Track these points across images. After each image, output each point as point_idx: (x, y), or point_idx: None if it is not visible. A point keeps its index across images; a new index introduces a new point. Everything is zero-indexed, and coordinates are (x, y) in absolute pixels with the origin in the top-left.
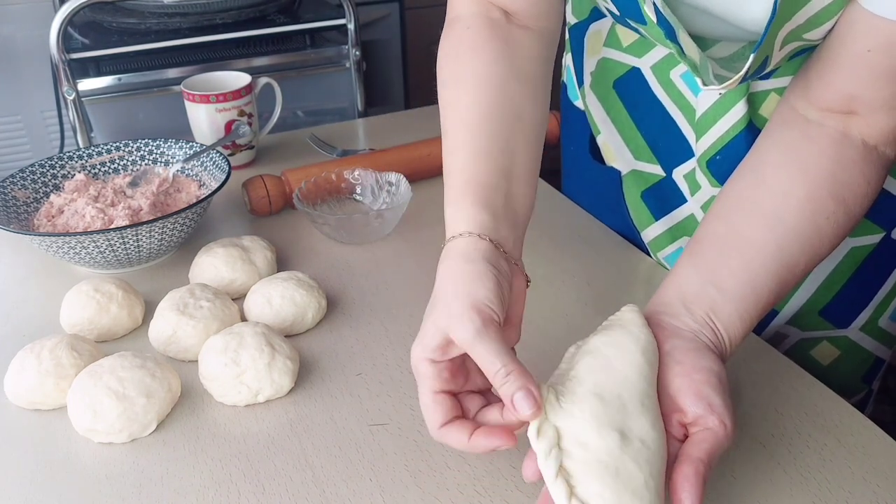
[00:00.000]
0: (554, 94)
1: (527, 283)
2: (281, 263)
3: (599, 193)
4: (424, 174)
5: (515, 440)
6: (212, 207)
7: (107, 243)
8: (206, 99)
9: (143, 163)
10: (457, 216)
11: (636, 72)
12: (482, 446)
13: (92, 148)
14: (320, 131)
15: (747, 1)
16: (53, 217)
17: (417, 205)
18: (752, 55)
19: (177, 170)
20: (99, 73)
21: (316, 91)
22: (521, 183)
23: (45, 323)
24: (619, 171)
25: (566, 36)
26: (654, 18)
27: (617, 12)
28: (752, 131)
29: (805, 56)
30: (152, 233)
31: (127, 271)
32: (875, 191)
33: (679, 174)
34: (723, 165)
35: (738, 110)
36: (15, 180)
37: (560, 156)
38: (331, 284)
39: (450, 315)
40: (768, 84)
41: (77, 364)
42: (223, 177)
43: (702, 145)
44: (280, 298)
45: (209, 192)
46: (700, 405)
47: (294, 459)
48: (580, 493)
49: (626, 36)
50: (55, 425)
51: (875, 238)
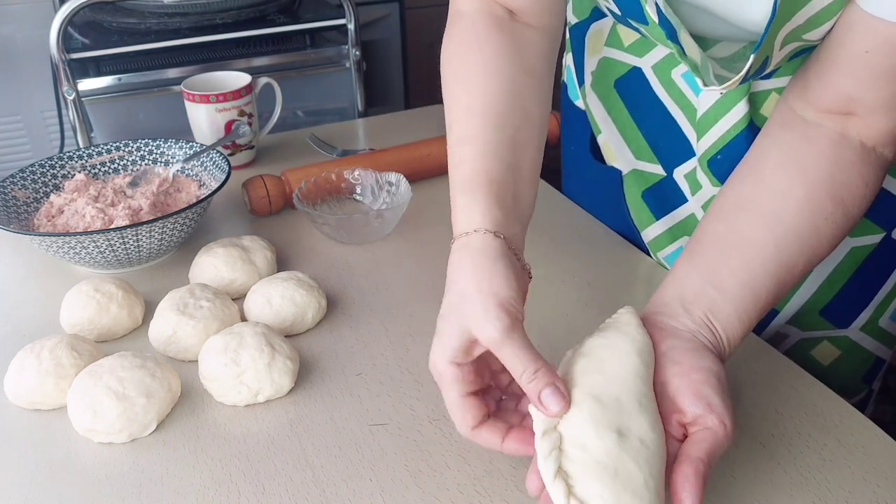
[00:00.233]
0: (554, 94)
1: (529, 279)
2: (281, 263)
3: (600, 193)
4: (424, 174)
5: None
6: (212, 207)
7: (107, 243)
8: (206, 99)
9: (143, 163)
10: (472, 210)
11: (637, 71)
12: (514, 451)
13: (92, 148)
14: (320, 131)
15: (748, 1)
16: (53, 217)
17: (417, 205)
18: (753, 55)
19: (177, 170)
20: (99, 73)
21: (316, 91)
22: (526, 180)
23: (45, 323)
24: (620, 171)
25: (566, 36)
26: (656, 19)
27: (619, 12)
28: (753, 131)
29: (805, 56)
30: (152, 233)
31: (127, 271)
32: (873, 192)
33: (680, 174)
34: (724, 165)
35: (739, 110)
36: (15, 180)
37: (560, 156)
38: (331, 284)
39: (475, 314)
40: (769, 84)
41: (77, 364)
42: (223, 177)
43: (703, 145)
44: (280, 298)
45: (209, 192)
46: (699, 405)
47: (294, 459)
48: (579, 493)
49: (628, 35)
50: (55, 425)
51: (875, 238)
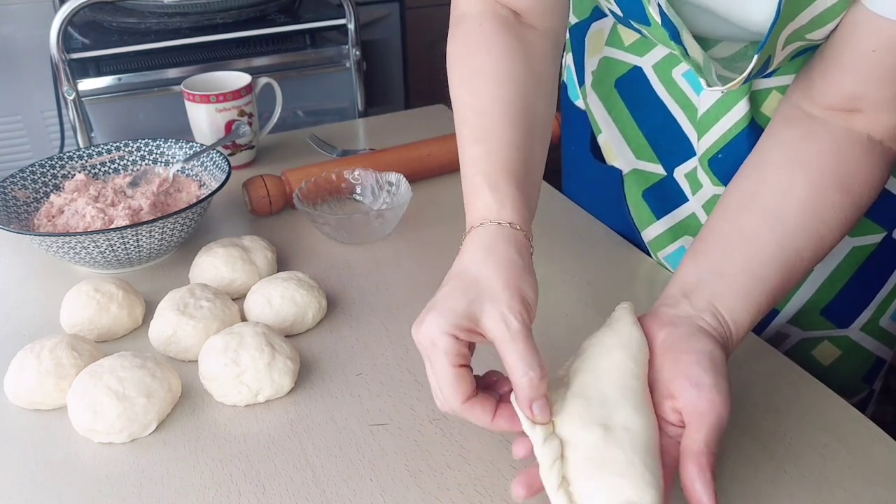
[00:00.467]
0: None
1: None
2: (281, 263)
3: (600, 193)
4: (424, 174)
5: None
6: (212, 207)
7: (107, 243)
8: (206, 99)
9: (143, 163)
10: (496, 202)
11: (638, 71)
12: (504, 428)
13: (92, 148)
14: (320, 131)
15: (750, 1)
16: (53, 217)
17: (417, 205)
18: (756, 56)
19: (177, 170)
20: (99, 73)
21: (316, 91)
22: (533, 180)
23: (45, 323)
24: (621, 171)
25: (567, 35)
26: (659, 19)
27: (620, 13)
28: (754, 130)
29: (807, 55)
30: (152, 233)
31: (127, 271)
32: (881, 181)
33: (680, 173)
34: (724, 164)
35: (740, 109)
36: (15, 180)
37: (560, 156)
38: (331, 284)
39: (492, 301)
40: (770, 82)
41: (77, 364)
42: (223, 177)
43: (703, 144)
44: (280, 298)
45: (209, 192)
46: (687, 387)
47: (294, 459)
48: (574, 494)
49: (628, 35)
50: (55, 425)
51: (876, 238)
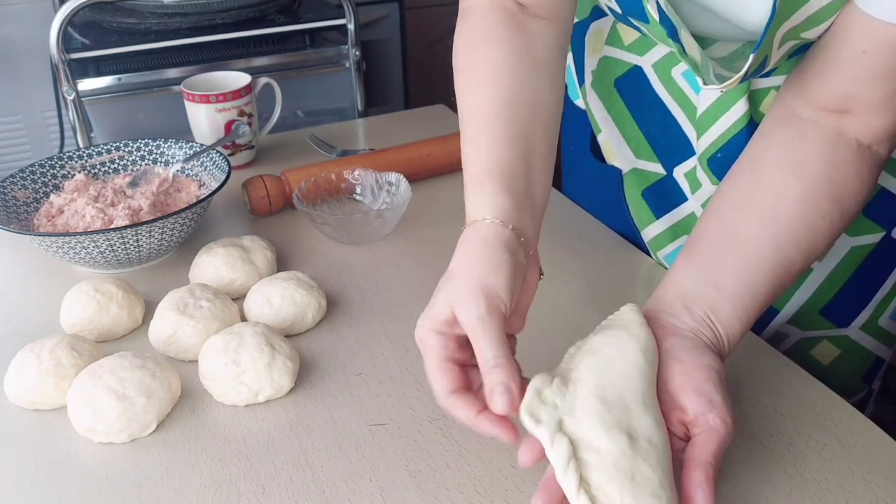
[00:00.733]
0: None
1: (540, 275)
2: (281, 263)
3: (600, 192)
4: (424, 174)
5: (518, 436)
6: (212, 207)
7: (107, 243)
8: (206, 99)
9: (143, 163)
10: (482, 200)
11: (637, 70)
12: (484, 429)
13: (92, 148)
14: (320, 131)
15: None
16: (53, 217)
17: (417, 205)
18: (752, 55)
19: (177, 170)
20: (99, 73)
21: (316, 91)
22: (539, 171)
23: (45, 323)
24: (620, 170)
25: None
26: (657, 17)
27: (619, 11)
28: (753, 129)
29: (804, 54)
30: (152, 233)
31: (127, 271)
32: (869, 189)
33: (680, 172)
34: (724, 163)
35: (739, 108)
36: (15, 180)
37: (560, 155)
38: (331, 284)
39: (458, 293)
40: (769, 82)
41: (77, 364)
42: (223, 177)
43: (703, 143)
44: (280, 298)
45: (209, 192)
46: (700, 402)
47: (294, 459)
48: (600, 496)
49: (628, 34)
50: (55, 425)
51: (875, 237)
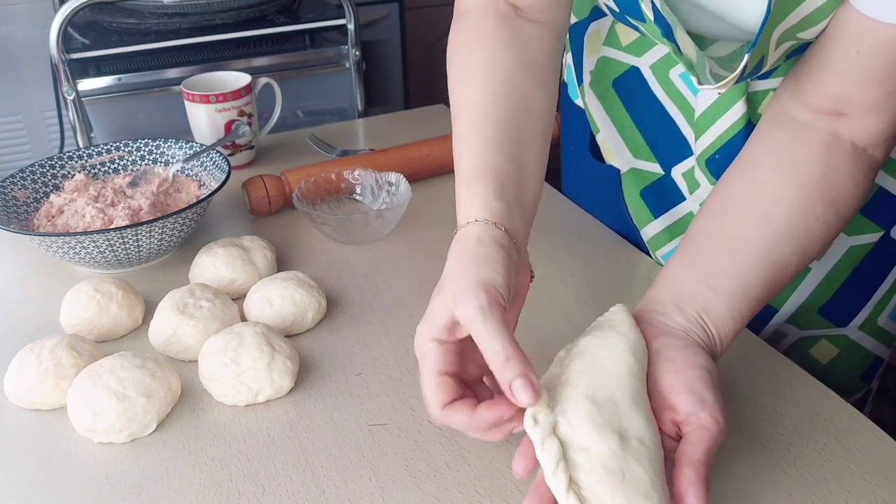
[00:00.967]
0: None
1: (531, 278)
2: (281, 263)
3: (599, 192)
4: (424, 174)
5: (520, 416)
6: (212, 207)
7: (107, 243)
8: (206, 99)
9: (143, 163)
10: (472, 201)
11: (635, 71)
12: (486, 418)
13: (92, 148)
14: (320, 131)
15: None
16: (53, 217)
17: (417, 205)
18: (747, 55)
19: (177, 170)
20: (99, 73)
21: (316, 91)
22: (530, 174)
23: (45, 323)
24: (619, 170)
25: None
26: (652, 16)
27: (617, 10)
28: (751, 131)
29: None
30: (152, 233)
31: (127, 271)
32: (864, 192)
33: (678, 172)
34: (722, 164)
35: (738, 110)
36: (15, 180)
37: (560, 155)
38: (331, 284)
39: (455, 292)
40: (767, 84)
41: (77, 364)
42: (223, 177)
43: (701, 144)
44: (280, 298)
45: (209, 192)
46: (692, 401)
47: (294, 459)
48: (590, 498)
49: (626, 35)
50: (55, 425)
51: (874, 237)
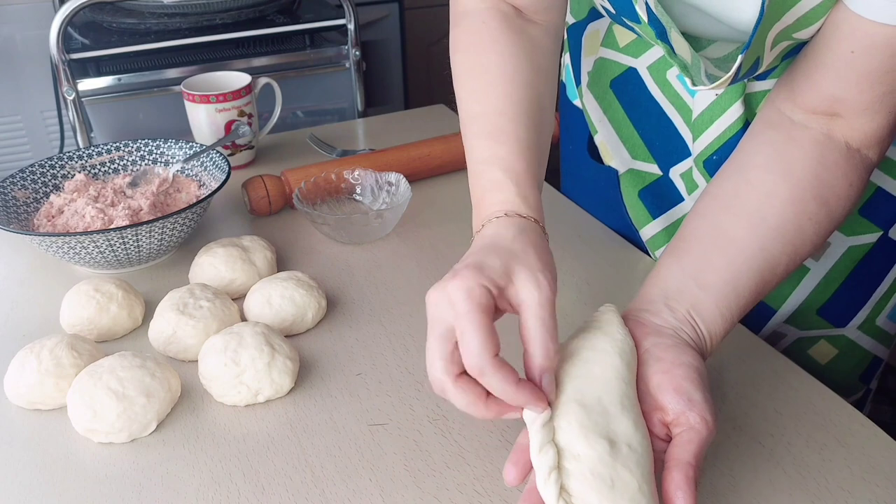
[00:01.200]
0: None
1: None
2: (281, 263)
3: (598, 192)
4: (424, 174)
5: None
6: (212, 207)
7: (107, 243)
8: (206, 99)
9: (143, 163)
10: (525, 197)
11: (633, 72)
12: (494, 411)
13: (92, 148)
14: (320, 131)
15: (738, 0)
16: (53, 217)
17: (417, 205)
18: (741, 55)
19: (177, 170)
20: (99, 73)
21: (316, 91)
22: (542, 179)
23: (45, 323)
24: (617, 171)
25: (564, 36)
26: (646, 17)
27: (613, 11)
28: None
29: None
30: (152, 233)
31: (127, 271)
32: (858, 193)
33: (676, 173)
34: (720, 165)
35: (735, 111)
36: (15, 180)
37: (559, 155)
38: (331, 284)
39: (529, 268)
40: (765, 85)
41: (77, 364)
42: (223, 177)
43: (699, 145)
44: (280, 298)
45: (209, 192)
46: (680, 401)
47: (294, 459)
48: None
49: (623, 36)
50: (55, 425)
51: (873, 237)
